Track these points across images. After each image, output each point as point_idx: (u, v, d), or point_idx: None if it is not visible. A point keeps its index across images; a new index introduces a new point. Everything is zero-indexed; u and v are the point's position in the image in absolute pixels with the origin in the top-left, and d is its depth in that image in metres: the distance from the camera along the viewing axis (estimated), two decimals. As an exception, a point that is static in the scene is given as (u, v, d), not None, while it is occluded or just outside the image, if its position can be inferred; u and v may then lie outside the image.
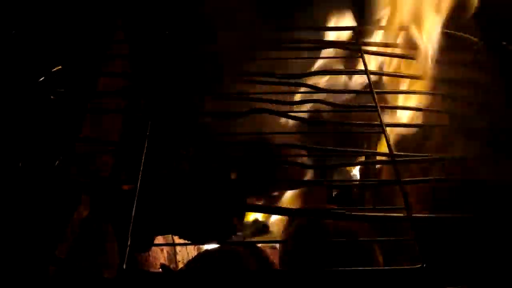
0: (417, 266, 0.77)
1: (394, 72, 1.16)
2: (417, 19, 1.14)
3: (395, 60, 1.19)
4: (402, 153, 1.04)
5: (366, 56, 1.17)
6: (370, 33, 1.24)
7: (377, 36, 1.24)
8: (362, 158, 1.22)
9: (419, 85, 1.16)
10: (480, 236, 0.85)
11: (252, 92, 1.14)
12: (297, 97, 1.11)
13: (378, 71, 1.16)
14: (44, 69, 1.07)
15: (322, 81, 1.17)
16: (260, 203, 1.19)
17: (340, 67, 1.20)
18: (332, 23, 1.25)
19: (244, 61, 1.15)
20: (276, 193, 1.25)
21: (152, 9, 1.28)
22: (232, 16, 1.18)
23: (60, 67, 1.09)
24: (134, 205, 0.83)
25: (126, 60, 1.27)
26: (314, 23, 1.25)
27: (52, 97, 1.02)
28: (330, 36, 1.25)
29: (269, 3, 1.24)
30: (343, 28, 1.26)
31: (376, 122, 1.01)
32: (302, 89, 1.12)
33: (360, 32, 1.24)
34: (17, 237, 0.76)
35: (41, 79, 1.05)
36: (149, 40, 1.22)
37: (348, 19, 1.27)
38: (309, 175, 1.22)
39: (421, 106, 1.13)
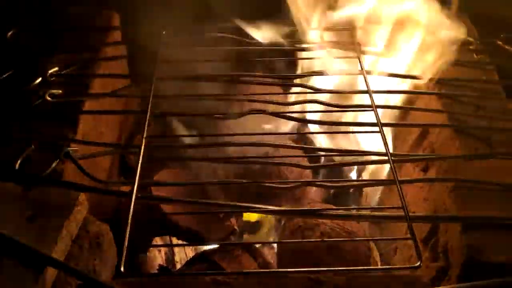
0: (414, 265, 0.77)
1: (391, 73, 1.16)
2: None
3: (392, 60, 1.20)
4: (399, 153, 1.04)
5: (362, 56, 1.17)
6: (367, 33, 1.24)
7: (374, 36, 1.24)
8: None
9: (416, 85, 1.16)
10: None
11: (249, 93, 1.15)
12: (294, 98, 1.11)
13: (375, 71, 1.16)
14: (41, 70, 1.07)
15: (319, 81, 1.17)
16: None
17: (337, 67, 1.20)
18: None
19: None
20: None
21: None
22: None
23: (56, 68, 1.09)
24: (132, 206, 0.82)
25: (123, 61, 1.27)
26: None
27: (48, 98, 1.02)
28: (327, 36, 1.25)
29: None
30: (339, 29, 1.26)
31: (373, 122, 1.01)
32: (299, 90, 1.12)
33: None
34: (15, 238, 0.76)
35: (37, 80, 1.05)
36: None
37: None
38: (305, 175, 1.22)
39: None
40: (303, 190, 1.22)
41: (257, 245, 1.16)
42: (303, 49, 1.22)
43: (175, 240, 1.16)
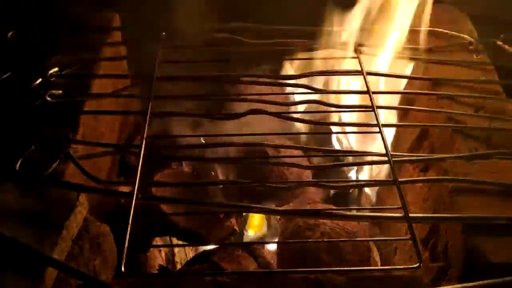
0: (414, 265, 0.77)
1: (390, 73, 1.16)
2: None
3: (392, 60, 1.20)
4: (399, 153, 1.04)
5: (362, 56, 1.17)
6: (366, 33, 1.24)
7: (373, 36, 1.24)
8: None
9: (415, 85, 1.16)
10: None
11: (249, 93, 1.15)
12: (294, 98, 1.11)
13: (374, 72, 1.16)
14: (41, 71, 1.07)
15: (318, 81, 1.17)
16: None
17: (337, 67, 1.20)
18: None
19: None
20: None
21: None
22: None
23: (56, 68, 1.09)
24: (132, 206, 0.82)
25: (123, 61, 1.27)
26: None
27: (48, 98, 1.02)
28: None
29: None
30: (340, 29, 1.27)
31: (373, 122, 1.01)
32: (299, 90, 1.12)
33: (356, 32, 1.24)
34: (15, 239, 0.76)
35: (38, 81, 1.05)
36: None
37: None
38: (305, 175, 1.22)
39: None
40: (303, 190, 1.22)
41: (257, 246, 1.16)
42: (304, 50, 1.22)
43: (175, 241, 1.16)
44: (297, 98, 1.10)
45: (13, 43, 1.16)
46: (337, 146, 1.32)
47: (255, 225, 1.29)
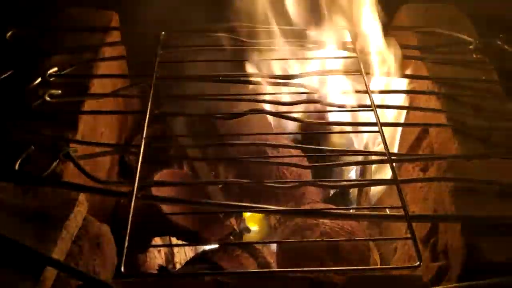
0: (414, 264, 0.77)
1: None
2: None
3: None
4: (399, 153, 1.04)
5: (361, 56, 1.17)
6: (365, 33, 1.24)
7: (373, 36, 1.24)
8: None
9: (415, 85, 1.16)
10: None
11: (249, 93, 1.15)
12: (294, 98, 1.11)
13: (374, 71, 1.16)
14: (40, 71, 1.07)
15: (318, 81, 1.17)
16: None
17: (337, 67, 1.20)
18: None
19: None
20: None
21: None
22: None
23: (56, 68, 1.09)
24: (132, 207, 0.82)
25: (123, 61, 1.27)
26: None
27: (48, 98, 1.02)
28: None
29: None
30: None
31: (372, 122, 1.01)
32: (299, 90, 1.12)
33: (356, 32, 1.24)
34: (15, 239, 0.76)
35: (37, 81, 1.05)
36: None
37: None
38: (304, 175, 1.22)
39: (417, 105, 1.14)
40: (303, 190, 1.22)
41: (257, 245, 1.16)
42: (303, 50, 1.22)
43: (174, 240, 1.16)
44: (297, 98, 1.10)
45: (13, 43, 1.16)
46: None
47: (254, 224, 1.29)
